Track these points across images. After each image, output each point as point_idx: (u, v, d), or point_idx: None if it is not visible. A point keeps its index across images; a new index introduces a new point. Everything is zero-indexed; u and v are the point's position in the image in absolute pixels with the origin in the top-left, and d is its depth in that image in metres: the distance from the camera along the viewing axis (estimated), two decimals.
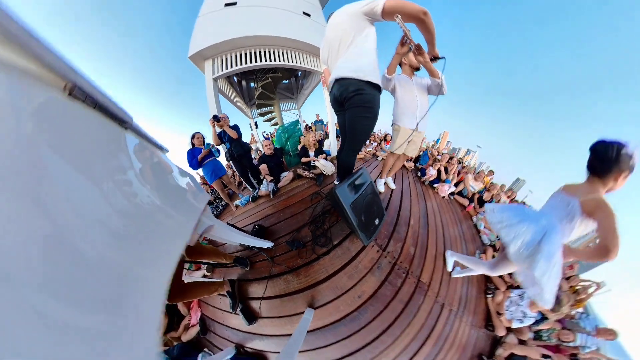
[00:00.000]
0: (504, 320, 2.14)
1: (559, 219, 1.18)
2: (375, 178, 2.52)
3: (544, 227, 1.17)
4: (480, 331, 2.08)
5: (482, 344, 2.08)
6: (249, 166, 3.45)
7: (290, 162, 4.32)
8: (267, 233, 2.21)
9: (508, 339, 2.16)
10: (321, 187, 2.62)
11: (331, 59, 1.49)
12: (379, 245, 1.84)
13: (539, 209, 1.42)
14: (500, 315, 2.16)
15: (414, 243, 2.02)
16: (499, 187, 4.76)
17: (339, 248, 1.80)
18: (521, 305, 2.18)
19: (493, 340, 2.16)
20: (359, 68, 1.34)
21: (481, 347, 2.05)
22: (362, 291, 1.59)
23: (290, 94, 8.59)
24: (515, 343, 2.16)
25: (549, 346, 2.28)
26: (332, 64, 1.50)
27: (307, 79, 7.19)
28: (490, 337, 2.15)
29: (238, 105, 7.32)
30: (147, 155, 0.76)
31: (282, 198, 2.78)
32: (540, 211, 1.36)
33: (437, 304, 1.76)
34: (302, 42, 3.90)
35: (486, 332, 2.12)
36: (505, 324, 2.14)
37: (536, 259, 1.11)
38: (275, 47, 3.88)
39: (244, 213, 2.96)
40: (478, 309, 2.15)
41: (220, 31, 3.52)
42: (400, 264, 1.77)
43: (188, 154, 3.00)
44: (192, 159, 2.97)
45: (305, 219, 2.13)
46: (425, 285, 1.77)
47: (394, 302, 1.59)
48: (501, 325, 2.13)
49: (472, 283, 2.24)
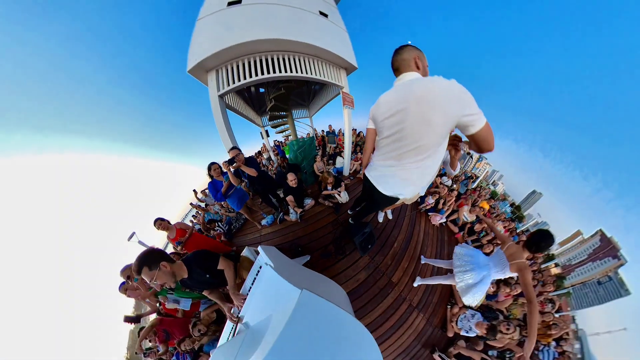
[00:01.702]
0: (455, 327, 3.01)
1: (495, 269, 2.03)
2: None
3: (484, 277, 2.11)
4: (435, 329, 2.97)
5: (437, 340, 2.94)
6: (270, 190, 3.55)
7: (306, 179, 4.69)
8: (304, 249, 3.27)
9: (459, 343, 3.02)
10: (339, 215, 3.67)
11: (395, 140, 1.32)
12: (369, 256, 3.07)
13: (488, 257, 2.23)
14: (452, 322, 3.06)
15: (392, 258, 3.13)
16: (495, 217, 5.29)
17: (348, 256, 3.06)
18: (470, 322, 3.05)
19: (447, 340, 3.02)
20: (423, 187, 1.43)
21: (436, 341, 2.92)
22: (358, 278, 2.83)
23: (302, 100, 7.86)
24: (464, 346, 2.99)
25: None
26: (391, 146, 1.36)
27: (320, 87, 6.54)
28: (445, 337, 3.00)
29: (248, 116, 6.67)
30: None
31: (309, 223, 3.64)
32: (488, 259, 2.20)
33: (400, 296, 2.78)
34: (320, 48, 3.34)
35: (440, 332, 3.01)
36: (455, 330, 3.00)
37: (468, 291, 2.13)
38: (289, 53, 3.36)
39: (274, 232, 3.69)
40: (436, 312, 3.03)
41: (224, 36, 2.99)
42: (379, 268, 2.89)
43: (210, 187, 3.10)
44: (215, 192, 3.04)
45: (328, 239, 3.28)
46: (394, 283, 2.85)
47: (373, 288, 2.72)
48: (452, 330, 2.98)
49: (435, 293, 3.14)
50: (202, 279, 1.73)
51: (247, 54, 3.25)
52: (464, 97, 1.07)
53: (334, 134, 6.94)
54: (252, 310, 1.45)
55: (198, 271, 1.67)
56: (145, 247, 4.72)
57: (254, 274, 1.61)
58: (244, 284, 1.67)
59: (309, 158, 4.68)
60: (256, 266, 1.62)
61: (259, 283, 1.51)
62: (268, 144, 7.96)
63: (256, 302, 1.45)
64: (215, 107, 3.25)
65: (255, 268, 1.62)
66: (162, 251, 1.58)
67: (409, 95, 1.18)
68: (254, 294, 1.51)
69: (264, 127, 7.54)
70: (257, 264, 1.61)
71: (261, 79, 3.22)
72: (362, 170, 2.20)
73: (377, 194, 1.57)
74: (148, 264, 1.42)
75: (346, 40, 4.06)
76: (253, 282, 1.59)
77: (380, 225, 3.54)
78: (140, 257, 1.43)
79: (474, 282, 2.09)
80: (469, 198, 5.81)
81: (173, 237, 2.86)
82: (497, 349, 3.09)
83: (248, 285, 1.62)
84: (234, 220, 4.57)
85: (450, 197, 4.81)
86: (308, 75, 3.47)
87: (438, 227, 4.35)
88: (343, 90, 4.10)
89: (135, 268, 1.40)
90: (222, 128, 3.30)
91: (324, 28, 3.63)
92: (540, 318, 3.87)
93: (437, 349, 2.89)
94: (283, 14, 3.26)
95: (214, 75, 3.22)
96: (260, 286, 1.48)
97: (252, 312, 1.44)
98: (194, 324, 2.58)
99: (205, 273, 1.70)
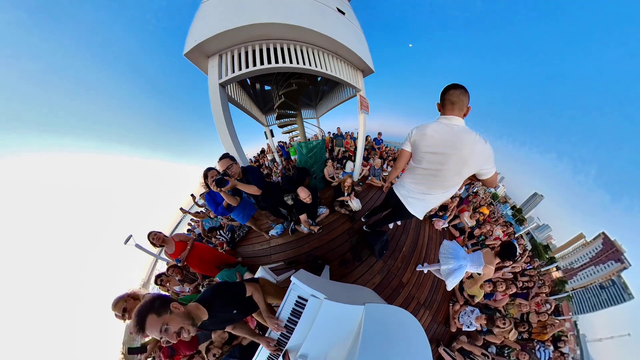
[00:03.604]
0: (457, 322, 3.39)
1: (471, 265, 2.45)
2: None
3: (461, 266, 2.49)
4: (440, 325, 3.34)
5: (441, 335, 3.30)
6: (279, 200, 3.16)
7: (315, 185, 4.50)
8: (322, 259, 3.28)
9: (461, 338, 3.40)
10: (354, 223, 3.78)
11: (431, 175, 1.62)
12: (383, 261, 3.43)
13: (468, 255, 2.61)
14: (455, 318, 3.45)
15: (402, 261, 3.48)
16: (494, 221, 5.69)
17: (365, 262, 3.31)
18: (471, 317, 3.44)
19: (451, 335, 3.40)
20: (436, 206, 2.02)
21: (440, 336, 3.30)
22: (374, 282, 3.16)
23: (309, 100, 7.45)
24: (465, 341, 3.37)
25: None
26: (427, 178, 1.66)
27: (329, 88, 6.18)
28: (448, 332, 3.37)
29: (251, 113, 6.00)
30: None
31: (324, 232, 3.61)
32: (469, 256, 2.57)
33: (409, 295, 3.16)
34: (340, 44, 3.09)
35: (444, 328, 3.39)
36: (457, 325, 3.39)
37: (449, 276, 2.50)
38: (307, 45, 3.04)
39: (287, 244, 3.54)
40: (440, 309, 3.39)
41: (234, 15, 2.59)
42: (392, 271, 3.28)
43: (207, 200, 2.62)
44: (215, 207, 2.58)
45: (345, 248, 3.42)
46: (404, 283, 3.23)
47: (387, 289, 3.10)
48: (454, 325, 3.34)
49: (439, 292, 3.50)
50: (228, 317, 1.47)
51: (258, 40, 2.85)
52: (490, 157, 1.43)
53: (342, 137, 6.91)
54: (309, 341, 1.39)
55: (224, 309, 1.41)
56: (143, 251, 4.49)
57: (291, 303, 1.51)
58: (280, 314, 1.53)
59: (319, 162, 4.47)
60: (292, 297, 1.52)
61: (307, 315, 1.43)
62: (272, 145, 7.58)
63: (312, 332, 1.40)
64: (215, 97, 2.84)
65: (292, 298, 1.52)
66: (167, 295, 1.31)
67: (458, 147, 1.43)
68: (305, 325, 1.43)
69: (268, 126, 7.16)
70: (294, 295, 1.51)
71: (271, 68, 2.85)
72: (386, 184, 2.31)
73: (404, 211, 1.87)
74: (154, 310, 1.09)
75: (363, 41, 3.91)
76: (291, 312, 1.51)
77: (390, 231, 3.94)
78: (140, 309, 1.08)
79: (453, 268, 2.53)
80: (470, 204, 6.26)
81: (172, 252, 2.48)
82: (496, 345, 3.49)
83: (285, 316, 1.51)
84: (237, 227, 4.17)
85: (452, 203, 5.24)
86: (326, 71, 3.15)
87: (441, 232, 4.73)
88: (360, 93, 3.97)
89: (138, 325, 1.05)
90: (222, 122, 2.86)
91: (343, 24, 3.37)
92: (536, 318, 4.26)
93: (442, 344, 3.28)
94: (303, 1, 2.95)
95: (216, 61, 2.83)
96: (310, 317, 1.42)
97: (310, 343, 1.39)
98: (208, 349, 2.43)
99: (233, 309, 1.45)
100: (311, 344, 1.37)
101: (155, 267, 33.10)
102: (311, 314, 1.41)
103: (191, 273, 3.33)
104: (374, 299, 1.83)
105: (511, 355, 3.49)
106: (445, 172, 1.54)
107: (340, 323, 1.40)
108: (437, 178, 1.60)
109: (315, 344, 1.38)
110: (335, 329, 1.40)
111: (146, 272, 64.62)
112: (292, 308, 1.49)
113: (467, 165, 1.46)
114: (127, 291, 1.83)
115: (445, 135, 1.47)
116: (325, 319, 1.38)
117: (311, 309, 1.42)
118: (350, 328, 1.37)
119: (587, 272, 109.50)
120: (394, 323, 1.47)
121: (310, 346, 1.37)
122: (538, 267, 8.57)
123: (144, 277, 66.71)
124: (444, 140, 1.48)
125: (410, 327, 1.50)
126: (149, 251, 4.59)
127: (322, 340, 1.39)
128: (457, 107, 1.46)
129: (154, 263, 29.80)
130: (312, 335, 1.37)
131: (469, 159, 1.43)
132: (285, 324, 1.49)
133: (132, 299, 1.77)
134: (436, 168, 1.56)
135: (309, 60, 3.04)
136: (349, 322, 1.39)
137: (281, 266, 3.27)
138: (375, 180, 5.09)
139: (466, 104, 1.46)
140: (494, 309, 3.74)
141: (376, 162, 5.43)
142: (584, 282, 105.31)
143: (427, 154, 1.57)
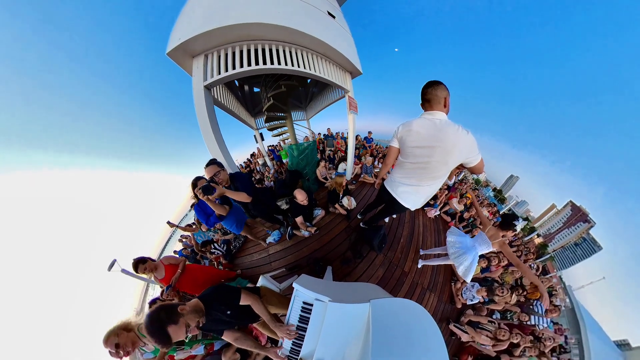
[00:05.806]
0: (461, 299, 3.59)
1: (480, 247, 2.56)
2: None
3: (475, 255, 2.66)
4: (446, 304, 3.52)
5: (449, 313, 3.48)
6: (270, 207, 3.10)
7: (308, 187, 4.44)
8: (323, 261, 3.28)
9: (467, 312, 3.59)
10: (350, 221, 3.87)
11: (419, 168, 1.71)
12: (383, 254, 3.54)
13: (473, 238, 2.74)
14: (458, 295, 3.65)
15: (401, 251, 3.66)
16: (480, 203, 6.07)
17: (366, 257, 3.39)
18: (472, 291, 3.66)
19: (458, 312, 3.58)
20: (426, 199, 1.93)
21: (448, 314, 3.46)
22: (377, 275, 3.26)
23: (299, 102, 7.37)
24: (472, 314, 3.56)
25: (513, 325, 3.62)
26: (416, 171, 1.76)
27: (319, 89, 6.13)
28: (455, 309, 3.55)
29: (239, 116, 5.77)
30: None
31: (322, 234, 3.63)
32: (473, 240, 2.71)
33: (413, 282, 3.32)
34: (330, 47, 3.15)
35: (451, 306, 3.57)
36: (462, 301, 3.58)
37: (464, 271, 2.67)
38: (296, 46, 3.04)
39: (285, 249, 3.49)
40: (444, 290, 3.60)
41: (222, 13, 2.53)
42: (393, 262, 3.42)
43: (197, 212, 2.51)
44: (206, 218, 2.47)
45: (344, 247, 3.46)
46: (406, 272, 3.39)
47: (391, 280, 3.22)
48: (459, 302, 3.56)
49: (440, 274, 3.72)
50: (221, 318, 1.52)
51: (246, 40, 2.78)
52: (473, 146, 1.51)
53: (332, 137, 6.89)
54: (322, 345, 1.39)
55: (219, 308, 1.47)
56: (129, 275, 3.97)
57: (297, 310, 1.50)
58: (287, 323, 1.53)
59: (311, 164, 4.45)
60: (297, 304, 1.51)
61: (315, 320, 1.43)
62: (263, 148, 7.40)
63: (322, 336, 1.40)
64: (199, 100, 2.73)
65: (297, 305, 1.51)
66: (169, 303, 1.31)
67: (442, 139, 1.53)
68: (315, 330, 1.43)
69: (258, 129, 6.98)
70: (299, 301, 1.51)
71: (260, 69, 2.78)
72: (377, 181, 2.34)
73: (397, 204, 1.99)
74: (169, 322, 1.13)
75: (352, 44, 4.05)
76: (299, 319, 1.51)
77: (387, 224, 4.09)
78: (155, 330, 1.11)
79: (470, 262, 2.64)
80: (457, 190, 6.65)
81: (162, 278, 2.33)
82: (499, 311, 3.72)
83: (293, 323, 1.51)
84: (232, 239, 4.03)
85: (442, 191, 5.66)
86: (315, 72, 3.18)
87: (434, 219, 5.03)
88: (349, 94, 4.10)
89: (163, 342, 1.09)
90: (207, 126, 2.74)
91: (333, 28, 3.45)
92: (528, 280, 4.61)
93: (451, 321, 3.45)
94: (295, 3, 2.97)
95: (202, 61, 2.73)
96: (318, 321, 1.42)
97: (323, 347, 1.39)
98: None
99: (227, 309, 1.51)
100: (325, 347, 1.37)
101: (147, 292, 29.36)
102: (319, 318, 1.42)
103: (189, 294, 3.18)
104: (379, 294, 1.88)
105: (514, 318, 3.74)
106: (433, 164, 1.64)
107: (349, 323, 1.41)
108: (425, 170, 1.71)
109: (329, 347, 1.38)
110: (346, 329, 1.41)
111: (138, 298, 57.32)
112: (300, 315, 1.49)
113: (452, 156, 1.56)
114: (117, 323, 1.70)
115: (429, 130, 1.57)
116: (334, 321, 1.39)
117: (318, 314, 1.43)
118: (359, 326, 1.39)
119: (562, 234, 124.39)
120: (401, 313, 1.51)
121: (325, 350, 1.37)
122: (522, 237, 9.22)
123: (136, 305, 59.35)
124: (429, 135, 1.58)
125: (416, 313, 1.55)
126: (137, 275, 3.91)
127: (335, 342, 1.40)
128: (434, 102, 1.57)
129: (146, 287, 26.78)
130: (323, 339, 1.38)
131: (453, 150, 1.53)
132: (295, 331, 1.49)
133: (125, 331, 1.65)
134: (424, 161, 1.66)
135: (298, 62, 3.04)
136: (357, 320, 1.40)
137: (283, 273, 3.24)
138: (368, 177, 5.30)
139: (442, 97, 1.55)
140: (491, 280, 4.00)
141: (367, 160, 5.61)
142: (562, 243, 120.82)
143: (414, 148, 1.66)
